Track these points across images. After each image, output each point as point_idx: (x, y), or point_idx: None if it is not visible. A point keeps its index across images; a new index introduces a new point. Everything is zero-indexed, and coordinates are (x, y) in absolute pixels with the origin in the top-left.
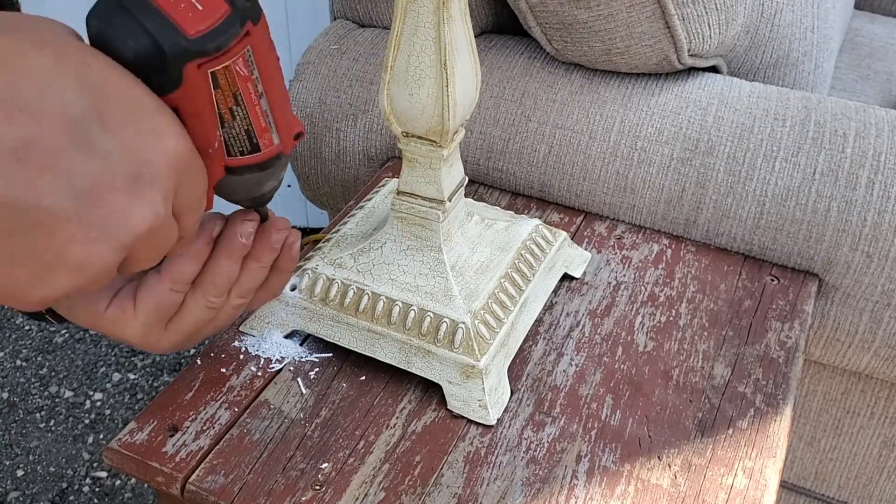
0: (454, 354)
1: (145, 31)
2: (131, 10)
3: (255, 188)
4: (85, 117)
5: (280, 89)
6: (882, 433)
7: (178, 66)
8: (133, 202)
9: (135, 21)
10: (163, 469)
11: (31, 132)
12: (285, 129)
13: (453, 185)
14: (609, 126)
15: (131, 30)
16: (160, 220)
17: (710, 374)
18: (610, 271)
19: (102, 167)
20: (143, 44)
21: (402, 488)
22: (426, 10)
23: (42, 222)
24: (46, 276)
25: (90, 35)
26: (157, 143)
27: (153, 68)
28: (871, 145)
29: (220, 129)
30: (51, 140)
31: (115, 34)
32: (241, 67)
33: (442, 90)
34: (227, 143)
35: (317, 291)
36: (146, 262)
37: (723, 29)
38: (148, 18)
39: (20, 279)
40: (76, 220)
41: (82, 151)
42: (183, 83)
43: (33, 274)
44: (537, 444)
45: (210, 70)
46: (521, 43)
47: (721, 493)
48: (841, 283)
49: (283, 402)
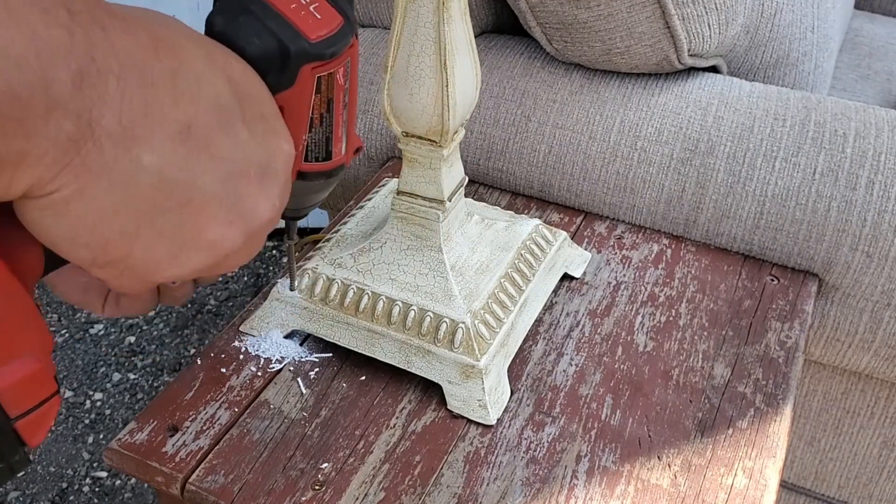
0: (454, 354)
1: (271, 32)
2: (255, 13)
3: (311, 197)
4: (231, 108)
5: (356, 104)
6: (882, 433)
7: (296, 66)
8: (261, 193)
9: (260, 22)
10: (163, 469)
11: (191, 115)
12: (351, 141)
13: (453, 185)
14: (609, 126)
15: (258, 29)
16: (276, 212)
17: (710, 373)
18: (610, 271)
19: (242, 155)
20: (269, 43)
21: (402, 488)
22: (426, 10)
23: (192, 201)
24: (182, 253)
25: (213, 32)
26: (278, 144)
27: (273, 67)
28: (870, 145)
29: (308, 132)
30: (206, 124)
31: (242, 32)
32: (340, 76)
33: (442, 90)
34: (307, 148)
35: (317, 291)
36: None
37: (723, 29)
38: (272, 20)
39: (158, 254)
40: (219, 202)
41: (229, 138)
42: (295, 83)
43: (172, 250)
44: (537, 444)
45: (318, 74)
46: (521, 43)
47: (721, 492)
48: (841, 282)
49: (283, 402)
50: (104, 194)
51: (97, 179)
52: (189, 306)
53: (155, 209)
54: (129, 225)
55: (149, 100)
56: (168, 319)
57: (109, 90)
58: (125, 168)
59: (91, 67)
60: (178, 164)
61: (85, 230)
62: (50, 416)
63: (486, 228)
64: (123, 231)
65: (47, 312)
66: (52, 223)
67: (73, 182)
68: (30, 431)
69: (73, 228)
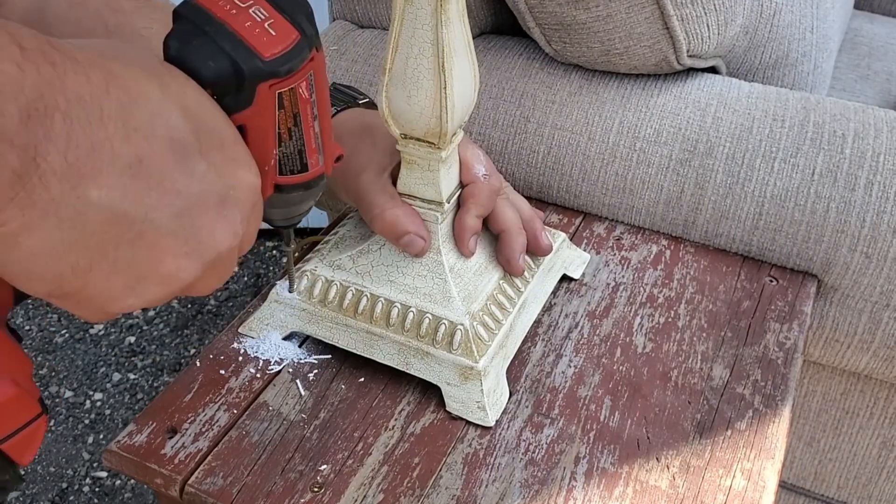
0: (453, 356)
1: (225, 53)
2: (210, 34)
3: (295, 208)
4: (186, 141)
5: (329, 114)
6: (881, 433)
7: (252, 85)
8: (219, 221)
9: (214, 44)
10: (162, 471)
11: (143, 150)
12: (329, 151)
13: (452, 187)
14: (608, 127)
15: (212, 52)
16: (238, 240)
17: (709, 375)
18: (609, 272)
19: (199, 188)
20: (223, 64)
21: (401, 490)
22: (424, 13)
23: (145, 234)
24: (138, 285)
25: (169, 56)
26: (238, 171)
27: (230, 88)
28: (869, 146)
29: (278, 147)
30: (159, 159)
31: (196, 55)
32: (303, 90)
33: (440, 92)
34: (280, 162)
35: (316, 293)
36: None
37: (722, 30)
38: (226, 41)
39: (115, 288)
40: (173, 235)
41: (183, 172)
42: (254, 102)
43: (128, 283)
44: (536, 446)
45: (278, 91)
46: (520, 44)
47: (719, 494)
48: (840, 283)
49: (282, 404)
50: (53, 229)
51: (44, 215)
52: (189, 306)
53: (107, 243)
54: (82, 260)
55: (97, 136)
56: (168, 319)
57: (55, 127)
58: (72, 204)
59: (39, 104)
60: (129, 199)
61: (38, 265)
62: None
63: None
64: (76, 266)
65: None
66: (6, 257)
67: (19, 216)
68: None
69: (26, 263)
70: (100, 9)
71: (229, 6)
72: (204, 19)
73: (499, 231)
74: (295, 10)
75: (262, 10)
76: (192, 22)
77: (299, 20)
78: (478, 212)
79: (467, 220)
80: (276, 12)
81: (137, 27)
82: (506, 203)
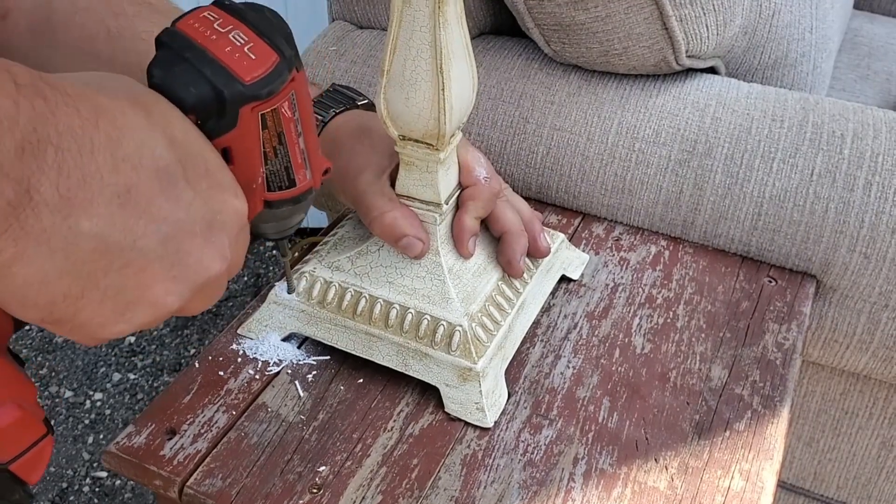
0: (451, 357)
1: (206, 79)
2: (191, 60)
3: (285, 221)
4: (172, 170)
5: (314, 129)
6: (881, 434)
7: (234, 109)
8: (207, 248)
9: (195, 70)
10: (160, 472)
11: (131, 180)
12: (316, 165)
13: (450, 188)
14: (607, 127)
15: (194, 78)
16: (226, 264)
17: (708, 376)
18: (608, 273)
19: (185, 214)
20: (205, 90)
21: (400, 491)
22: (422, 15)
23: (133, 262)
24: (127, 311)
25: (152, 84)
26: (224, 196)
27: (212, 112)
28: (868, 146)
29: (264, 165)
30: (146, 188)
31: (178, 82)
32: (286, 109)
33: (438, 94)
34: (267, 179)
35: (314, 294)
36: (197, 308)
37: (721, 30)
38: (207, 67)
39: (106, 314)
40: (161, 261)
41: (170, 199)
42: (237, 125)
43: (117, 309)
44: (534, 447)
45: (261, 112)
46: (519, 44)
47: (718, 495)
48: (839, 284)
49: (281, 406)
50: (45, 258)
51: (37, 244)
52: None
53: (97, 271)
54: (74, 287)
55: (87, 168)
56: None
57: (48, 160)
58: (64, 234)
59: (32, 137)
60: (117, 228)
61: (31, 292)
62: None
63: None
64: (68, 293)
65: None
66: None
67: (13, 246)
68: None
69: (20, 290)
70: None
71: (209, 32)
72: (185, 46)
73: (500, 233)
74: (274, 32)
75: (242, 34)
76: (173, 49)
77: (278, 42)
78: (477, 213)
79: (466, 221)
80: (255, 35)
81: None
82: (506, 205)
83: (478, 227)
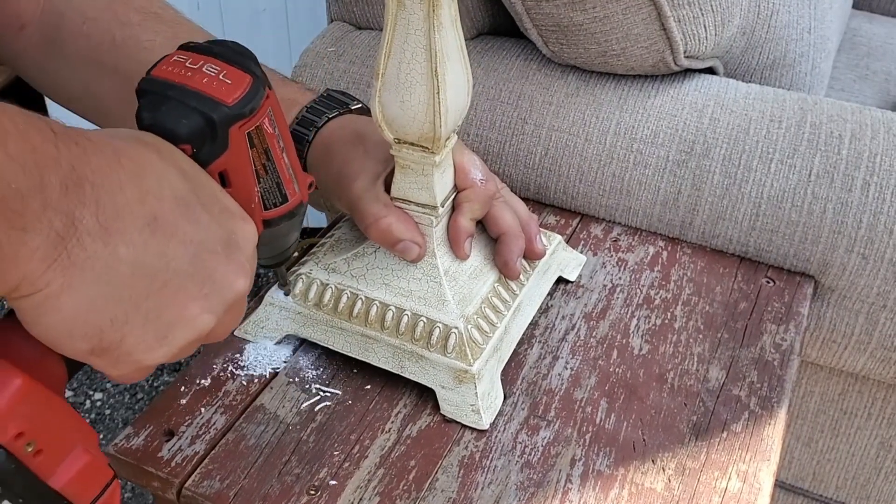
0: (447, 359)
1: (193, 109)
2: (175, 97)
3: (283, 240)
4: (188, 198)
5: (293, 146)
6: (879, 434)
7: (224, 130)
8: (230, 265)
9: (181, 104)
10: (159, 474)
11: (156, 209)
12: (301, 179)
13: (446, 191)
14: (605, 128)
15: (182, 111)
16: (248, 281)
17: (705, 376)
18: (606, 274)
19: (205, 235)
20: (195, 119)
21: (397, 493)
22: (416, 18)
23: (169, 283)
24: (169, 333)
25: (144, 127)
26: (233, 219)
27: (206, 138)
28: (866, 147)
29: (258, 184)
30: (170, 215)
31: (168, 118)
32: (268, 125)
33: (433, 97)
34: (262, 198)
35: (311, 296)
36: (226, 328)
37: (719, 30)
38: (191, 99)
39: (148, 339)
40: (192, 280)
41: (191, 223)
42: (229, 146)
43: (159, 332)
44: (532, 448)
45: (247, 130)
46: (517, 45)
47: (715, 496)
48: (837, 284)
49: (279, 407)
50: (91, 285)
51: (82, 272)
52: None
53: (138, 295)
54: (118, 312)
55: (119, 201)
56: None
57: (87, 194)
58: (106, 260)
59: (72, 175)
60: (151, 252)
61: (79, 322)
62: (114, 500)
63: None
64: (114, 319)
65: None
66: (49, 319)
67: (61, 276)
68: None
69: (68, 322)
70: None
71: (183, 70)
72: (165, 87)
73: (497, 234)
74: (241, 58)
75: (213, 65)
76: (155, 93)
77: (248, 65)
78: (473, 215)
79: (462, 222)
80: (225, 64)
81: (141, 40)
82: (504, 207)
83: (473, 229)
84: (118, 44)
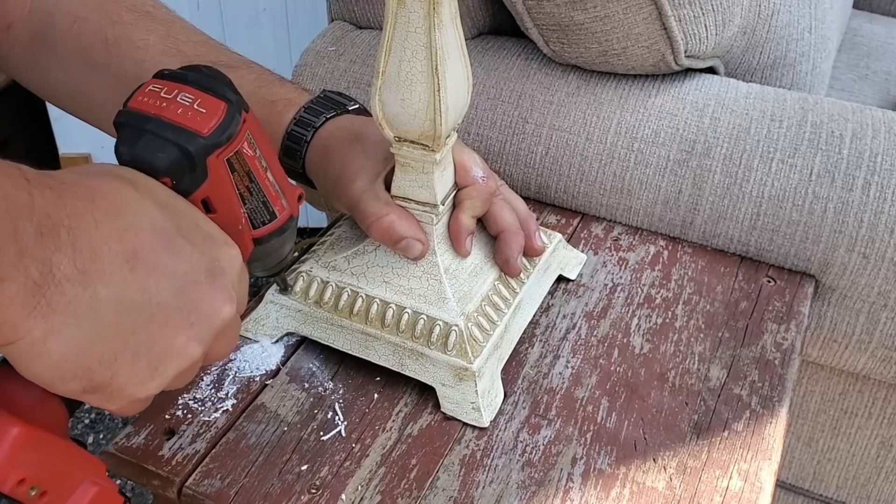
0: (447, 357)
1: (170, 142)
2: (151, 131)
3: (276, 254)
4: (168, 229)
5: (276, 160)
6: (880, 434)
7: (202, 161)
8: (215, 293)
9: (158, 137)
10: (159, 473)
11: (135, 245)
12: (289, 193)
13: (446, 189)
14: (606, 127)
15: (158, 145)
16: (234, 305)
17: (706, 376)
18: (606, 273)
19: (188, 265)
20: (172, 152)
21: (398, 492)
22: (416, 16)
23: (155, 317)
24: (159, 365)
25: (123, 162)
26: (218, 247)
27: (185, 169)
28: (867, 146)
29: (243, 206)
30: (150, 249)
31: (146, 153)
32: (247, 149)
33: (433, 95)
34: (250, 218)
35: (311, 294)
36: (222, 353)
37: (719, 30)
38: (168, 132)
39: (139, 373)
40: (178, 312)
41: (172, 255)
42: (208, 175)
43: (150, 363)
44: (533, 447)
45: (226, 157)
46: (518, 44)
47: (716, 495)
48: (837, 284)
49: (279, 406)
50: (74, 329)
51: (64, 317)
52: None
53: (124, 332)
54: (106, 351)
55: (96, 241)
56: None
57: (62, 239)
58: (87, 303)
59: (47, 222)
60: (133, 288)
61: (68, 365)
62: None
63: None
64: (102, 358)
65: None
66: (38, 364)
67: (42, 323)
68: None
69: (57, 365)
70: (101, 22)
71: (159, 101)
72: (142, 120)
73: (497, 231)
74: (216, 84)
75: (188, 94)
76: (132, 126)
77: (222, 91)
78: (473, 212)
79: (463, 219)
80: (200, 92)
81: (134, 40)
82: (503, 204)
83: (474, 226)
84: (110, 43)
